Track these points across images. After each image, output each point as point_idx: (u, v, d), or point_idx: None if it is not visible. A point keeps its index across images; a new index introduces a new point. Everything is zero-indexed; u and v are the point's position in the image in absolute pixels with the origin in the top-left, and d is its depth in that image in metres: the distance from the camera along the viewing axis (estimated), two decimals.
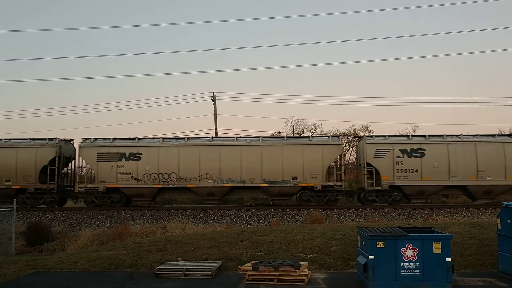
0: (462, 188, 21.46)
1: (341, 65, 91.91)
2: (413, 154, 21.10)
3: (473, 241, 10.72)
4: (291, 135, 21.76)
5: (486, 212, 19.42)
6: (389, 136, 22.02)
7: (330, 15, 76.88)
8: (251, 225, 18.10)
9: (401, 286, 7.32)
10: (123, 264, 9.86)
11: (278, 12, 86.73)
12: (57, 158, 21.54)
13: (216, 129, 31.90)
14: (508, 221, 8.37)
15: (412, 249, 7.40)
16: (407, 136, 22.14)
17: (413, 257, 7.38)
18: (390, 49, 76.95)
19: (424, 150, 21.11)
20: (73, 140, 23.59)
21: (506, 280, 8.16)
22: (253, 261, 8.90)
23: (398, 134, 22.24)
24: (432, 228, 8.47)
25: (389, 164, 21.02)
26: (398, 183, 21.02)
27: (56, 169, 21.51)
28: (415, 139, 21.63)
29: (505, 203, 8.72)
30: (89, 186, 21.54)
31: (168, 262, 9.70)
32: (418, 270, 7.34)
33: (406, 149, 21.13)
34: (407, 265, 7.37)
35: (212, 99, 32.52)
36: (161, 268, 9.01)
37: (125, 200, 21.66)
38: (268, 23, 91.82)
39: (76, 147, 22.68)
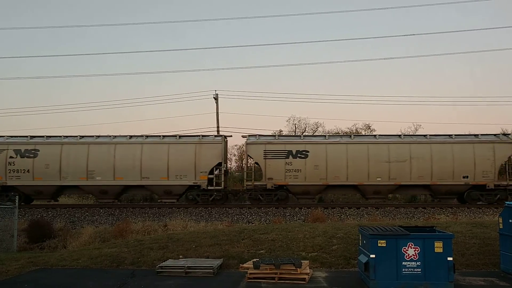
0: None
1: (344, 63, 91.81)
2: (26, 155, 21.37)
3: (475, 240, 10.71)
4: None
5: (488, 211, 19.39)
6: (8, 136, 22.20)
7: (332, 14, 76.81)
8: (252, 223, 18.11)
9: (402, 285, 7.31)
10: (124, 262, 9.87)
11: (280, 10, 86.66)
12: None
13: (218, 127, 31.91)
14: (510, 221, 8.35)
15: (413, 248, 7.39)
16: (26, 137, 22.16)
17: (415, 256, 7.37)
18: (393, 48, 76.80)
19: (38, 150, 21.42)
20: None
21: (507, 280, 8.15)
22: (255, 259, 8.90)
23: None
24: (434, 227, 8.46)
25: (2, 164, 21.25)
26: (10, 183, 21.27)
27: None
28: (32, 140, 21.81)
29: (507, 202, 8.71)
30: None
31: (169, 260, 9.71)
32: (420, 269, 7.33)
33: (20, 149, 21.43)
34: (409, 264, 7.37)
35: (214, 97, 32.50)
36: (162, 266, 9.03)
37: None
38: (270, 22, 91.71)
39: None
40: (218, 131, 31.37)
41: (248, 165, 22.62)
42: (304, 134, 21.98)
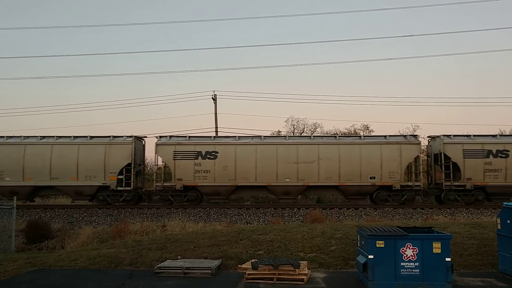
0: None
1: (343, 64, 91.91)
2: None
3: (473, 241, 10.72)
4: None
5: (486, 212, 19.41)
6: None
7: (331, 14, 76.92)
8: (251, 224, 18.11)
9: (400, 285, 7.32)
10: (123, 262, 9.86)
11: (279, 11, 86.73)
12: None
13: (216, 127, 31.91)
14: (508, 221, 8.37)
15: (411, 248, 7.40)
16: None
17: (413, 257, 7.38)
18: (392, 48, 76.92)
19: None
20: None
21: (505, 280, 8.16)
22: (253, 260, 8.90)
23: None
24: (432, 228, 8.47)
25: None
26: None
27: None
28: None
29: (505, 203, 8.72)
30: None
31: (167, 260, 9.71)
32: (418, 270, 7.35)
33: None
34: (407, 265, 7.38)
35: (212, 98, 32.50)
36: (160, 267, 9.02)
37: None
38: (269, 22, 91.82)
39: None
40: (216, 131, 31.37)
41: (158, 166, 22.59)
42: (215, 135, 22.24)
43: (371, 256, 7.39)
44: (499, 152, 20.87)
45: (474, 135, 21.68)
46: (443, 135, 21.63)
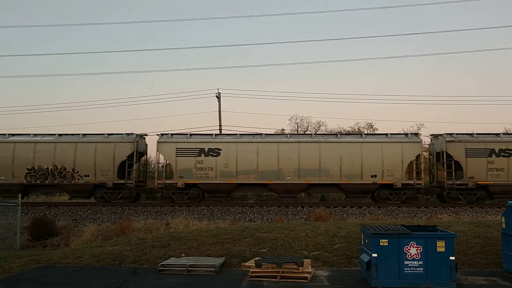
0: None
1: (346, 62, 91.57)
2: None
3: (477, 240, 10.68)
4: None
5: (490, 211, 19.35)
6: None
7: (334, 12, 76.70)
8: (254, 222, 18.13)
9: (404, 284, 7.31)
10: (126, 260, 9.90)
11: (282, 9, 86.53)
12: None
13: (220, 125, 31.93)
14: None
15: (415, 247, 7.38)
16: None
17: (417, 256, 7.36)
18: (395, 47, 76.62)
19: None
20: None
21: (510, 279, 8.12)
22: (256, 258, 8.91)
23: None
24: (436, 227, 8.44)
25: None
26: None
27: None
28: None
29: (510, 202, 8.68)
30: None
31: (171, 258, 9.74)
32: (422, 269, 7.33)
33: None
34: (411, 263, 7.36)
35: (216, 96, 32.52)
36: (164, 264, 9.05)
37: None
38: (273, 20, 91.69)
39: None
40: (220, 129, 31.38)
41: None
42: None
43: (374, 255, 7.38)
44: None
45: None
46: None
